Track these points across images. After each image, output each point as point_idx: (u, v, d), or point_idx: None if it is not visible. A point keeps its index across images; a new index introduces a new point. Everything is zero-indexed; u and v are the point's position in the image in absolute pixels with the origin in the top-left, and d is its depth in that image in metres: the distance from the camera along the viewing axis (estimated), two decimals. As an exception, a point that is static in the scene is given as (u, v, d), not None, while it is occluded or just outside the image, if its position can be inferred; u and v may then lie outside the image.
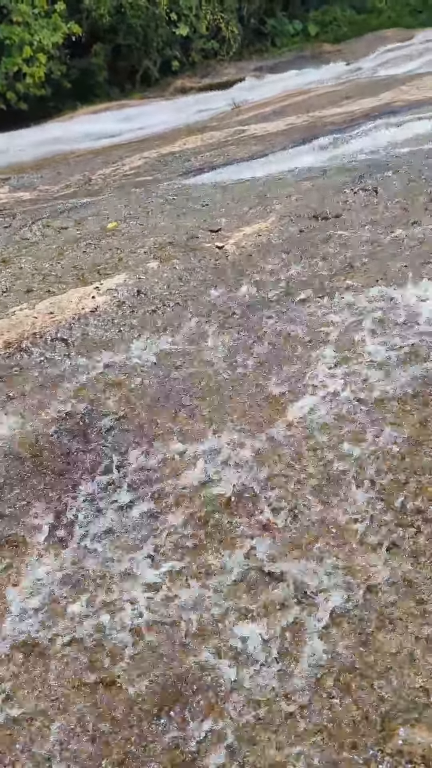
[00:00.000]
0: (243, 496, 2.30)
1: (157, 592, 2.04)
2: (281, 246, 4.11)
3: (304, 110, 9.92)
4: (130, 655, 1.88)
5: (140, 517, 2.31)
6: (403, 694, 1.66)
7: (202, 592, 2.03)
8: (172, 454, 2.52)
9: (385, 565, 1.97)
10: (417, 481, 2.21)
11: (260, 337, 3.14)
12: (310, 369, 2.83)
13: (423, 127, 6.57)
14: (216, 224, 4.64)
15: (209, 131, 10.06)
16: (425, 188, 4.51)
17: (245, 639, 1.88)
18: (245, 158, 7.31)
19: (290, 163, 6.43)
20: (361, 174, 5.10)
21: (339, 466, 2.33)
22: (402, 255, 3.66)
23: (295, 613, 1.92)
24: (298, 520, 2.18)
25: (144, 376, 2.98)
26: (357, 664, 1.75)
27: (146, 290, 3.75)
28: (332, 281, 3.54)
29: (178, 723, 1.71)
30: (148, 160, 8.54)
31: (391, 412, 2.50)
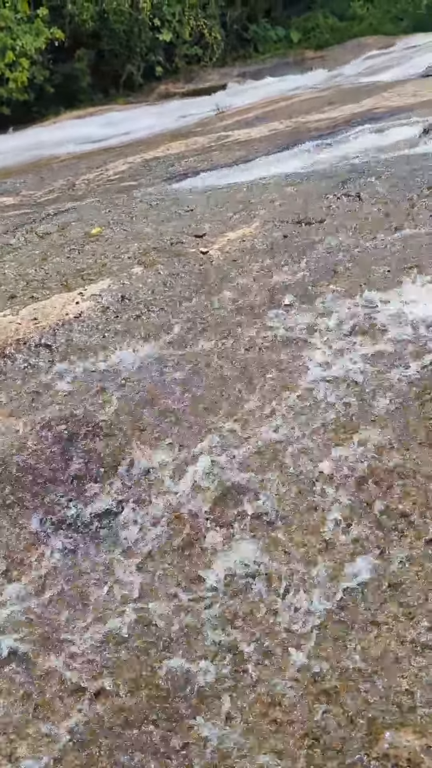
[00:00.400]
0: (228, 500, 2.30)
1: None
2: (265, 251, 4.12)
3: (287, 116, 9.97)
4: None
5: (125, 525, 2.31)
6: (389, 697, 1.66)
7: (184, 599, 2.02)
8: (158, 460, 2.51)
9: (370, 568, 1.97)
10: (402, 484, 2.22)
11: (245, 342, 3.15)
12: (296, 373, 2.84)
13: (405, 134, 6.63)
14: (200, 229, 4.65)
15: (193, 136, 10.07)
16: (407, 194, 4.55)
17: (230, 642, 1.88)
18: (229, 163, 7.33)
19: (274, 169, 6.45)
20: (344, 179, 5.14)
21: (325, 469, 2.34)
22: (385, 260, 3.69)
23: (281, 617, 1.92)
24: (283, 522, 2.19)
25: (129, 382, 2.98)
26: (342, 669, 1.76)
27: (130, 296, 3.75)
28: (316, 286, 3.55)
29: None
30: (132, 165, 8.54)
31: (376, 415, 2.51)
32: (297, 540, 2.12)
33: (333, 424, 2.50)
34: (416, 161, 5.34)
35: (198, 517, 2.27)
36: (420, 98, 8.93)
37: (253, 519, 2.22)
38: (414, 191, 4.57)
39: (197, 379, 2.94)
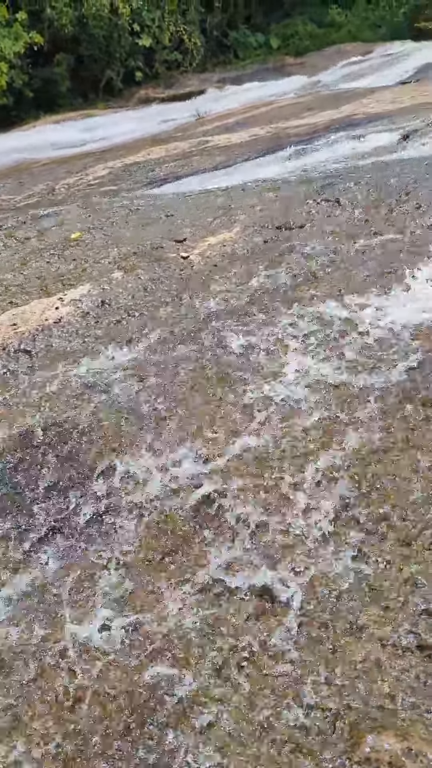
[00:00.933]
0: (210, 505, 2.30)
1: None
2: (246, 256, 4.13)
3: (267, 121, 10.02)
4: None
5: (107, 530, 2.29)
6: (370, 701, 1.67)
7: (169, 603, 2.01)
8: (139, 465, 2.50)
9: (351, 572, 1.98)
10: (382, 488, 2.23)
11: (226, 346, 3.15)
12: (275, 379, 2.84)
13: (383, 140, 6.70)
14: (181, 234, 4.65)
15: (173, 141, 10.09)
16: (386, 199, 4.59)
17: (215, 650, 1.87)
18: (209, 169, 7.35)
19: (254, 174, 6.48)
20: (323, 185, 5.18)
21: (306, 474, 2.34)
22: (364, 265, 3.71)
23: (264, 621, 1.91)
24: (266, 527, 2.18)
25: (109, 387, 2.96)
26: (324, 673, 1.76)
27: (111, 301, 3.74)
28: (296, 291, 3.57)
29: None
30: (113, 170, 8.52)
31: (356, 420, 2.52)
32: (279, 543, 2.12)
33: (313, 429, 2.51)
34: (395, 167, 5.39)
35: (178, 522, 2.26)
36: (398, 105, 9.02)
37: (234, 524, 2.22)
38: (393, 197, 4.61)
39: (178, 384, 2.93)
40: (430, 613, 1.82)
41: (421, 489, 2.20)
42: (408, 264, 3.57)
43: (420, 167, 5.21)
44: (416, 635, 1.78)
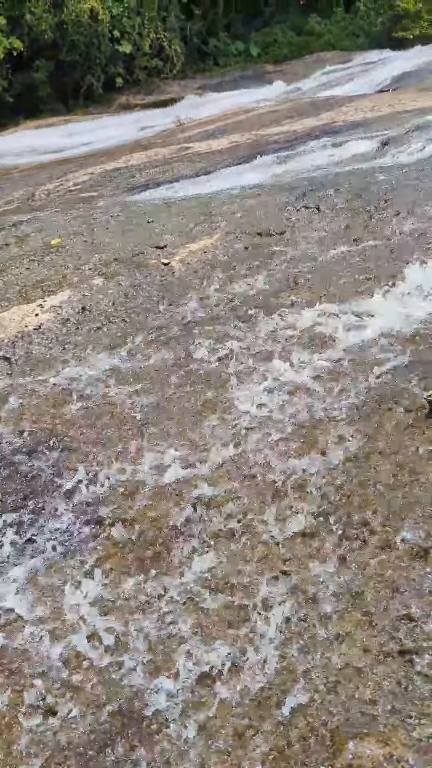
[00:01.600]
0: (191, 512, 2.29)
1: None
2: (227, 263, 4.14)
3: (247, 128, 10.07)
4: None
5: (86, 538, 2.27)
6: (352, 707, 1.67)
7: (151, 611, 2.00)
8: (118, 474, 2.49)
9: (333, 578, 1.98)
10: (363, 494, 2.24)
11: (206, 353, 3.15)
12: (257, 385, 2.85)
13: (362, 147, 6.76)
14: (161, 241, 4.65)
15: (154, 148, 10.09)
16: (365, 206, 4.63)
17: (192, 660, 1.87)
18: (190, 175, 7.36)
19: (235, 181, 6.50)
20: (303, 192, 5.21)
21: (286, 481, 2.34)
22: (345, 271, 3.74)
23: (247, 628, 1.91)
24: (248, 534, 2.18)
25: (89, 394, 2.95)
26: (306, 679, 1.76)
27: (91, 307, 3.72)
28: (277, 297, 3.58)
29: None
30: (93, 176, 8.50)
31: (336, 426, 2.54)
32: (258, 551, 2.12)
33: (294, 435, 2.51)
34: (374, 174, 5.44)
35: (161, 527, 2.25)
36: (377, 113, 9.11)
37: (215, 530, 2.22)
38: (372, 204, 4.65)
39: (159, 390, 2.92)
40: (410, 618, 1.83)
41: (401, 495, 2.21)
42: (388, 271, 3.60)
43: (399, 174, 5.26)
44: (397, 640, 1.78)
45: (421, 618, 1.82)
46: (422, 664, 1.71)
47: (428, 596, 1.87)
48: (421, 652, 1.74)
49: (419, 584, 1.91)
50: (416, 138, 6.47)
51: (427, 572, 1.94)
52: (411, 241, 3.93)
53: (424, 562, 1.97)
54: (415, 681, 1.69)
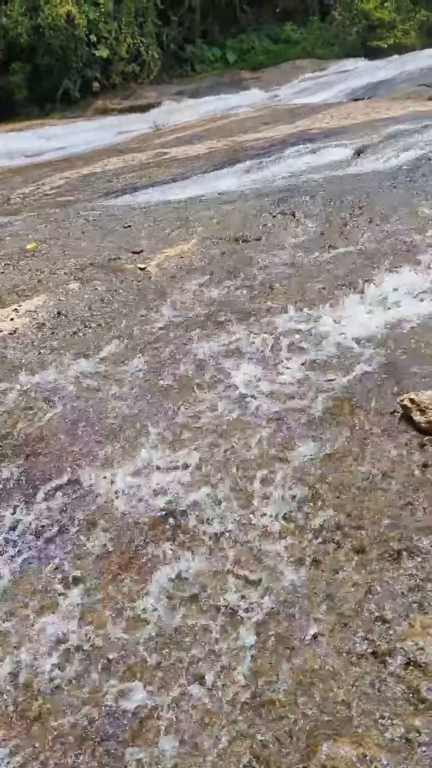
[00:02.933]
0: (167, 518, 2.29)
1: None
2: (203, 268, 4.16)
3: (224, 134, 10.12)
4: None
5: (61, 544, 2.26)
6: (326, 708, 1.68)
7: (126, 617, 2.00)
8: (92, 478, 2.48)
9: (307, 581, 2.00)
10: (336, 497, 2.26)
11: (182, 358, 3.16)
12: (231, 390, 2.86)
13: (337, 154, 6.84)
14: (138, 246, 4.65)
15: (131, 153, 10.10)
16: (340, 213, 4.68)
17: (171, 661, 1.87)
18: (167, 180, 7.38)
19: (211, 186, 6.54)
20: (279, 198, 5.25)
21: (261, 484, 2.36)
22: (320, 277, 3.78)
23: (222, 633, 1.92)
24: (224, 536, 2.19)
25: (65, 399, 2.93)
26: (282, 682, 1.77)
27: (67, 312, 3.71)
28: (253, 302, 3.60)
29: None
30: (69, 180, 8.47)
31: (310, 429, 2.56)
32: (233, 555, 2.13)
33: (267, 439, 2.53)
34: (349, 181, 5.51)
35: (137, 531, 2.25)
36: (352, 120, 9.22)
37: (192, 533, 2.22)
38: (346, 210, 4.71)
39: (135, 394, 2.92)
40: (384, 619, 1.85)
41: (374, 497, 2.24)
42: (362, 276, 3.65)
43: (373, 182, 5.33)
44: (370, 642, 1.80)
45: (394, 620, 1.84)
46: (395, 665, 1.74)
47: (401, 598, 1.89)
48: (393, 654, 1.76)
49: (392, 586, 1.94)
50: (390, 146, 6.56)
51: (400, 574, 1.97)
52: (384, 248, 3.98)
53: (397, 565, 1.99)
54: (387, 682, 1.71)
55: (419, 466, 2.31)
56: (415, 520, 2.12)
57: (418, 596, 1.88)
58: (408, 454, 2.37)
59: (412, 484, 2.25)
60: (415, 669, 1.70)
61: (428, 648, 1.73)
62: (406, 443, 2.42)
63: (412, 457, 2.35)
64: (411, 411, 2.48)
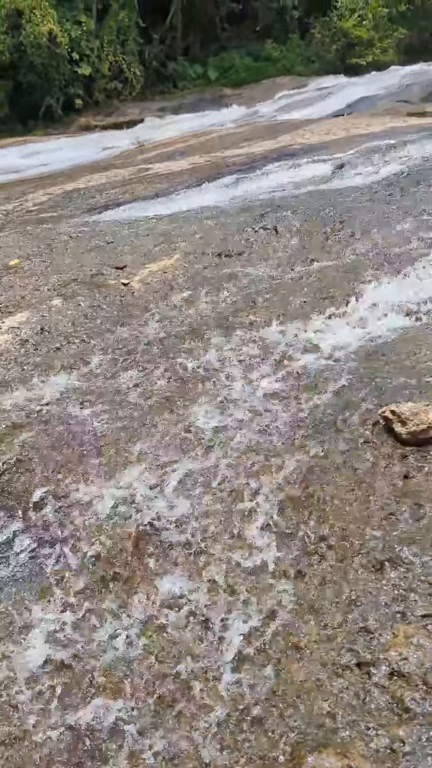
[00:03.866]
0: (152, 534, 2.29)
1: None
2: (186, 283, 4.18)
3: (206, 150, 10.21)
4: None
5: (46, 560, 2.25)
6: (311, 720, 1.69)
7: (111, 633, 2.00)
8: (77, 495, 2.48)
9: (292, 593, 2.01)
10: (320, 509, 2.28)
11: (166, 373, 3.17)
12: (215, 403, 2.87)
13: (318, 170, 6.92)
14: (121, 261, 4.68)
15: (114, 169, 10.15)
16: (321, 227, 4.74)
17: (157, 678, 1.86)
18: (150, 196, 7.42)
19: (194, 202, 6.58)
20: (261, 213, 5.30)
21: (245, 498, 2.37)
22: (302, 291, 3.81)
23: (207, 644, 1.92)
24: (208, 552, 2.19)
25: (48, 416, 2.93)
26: (267, 695, 1.77)
27: (50, 328, 3.71)
28: (236, 317, 3.63)
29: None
30: (52, 197, 8.49)
31: (294, 442, 2.58)
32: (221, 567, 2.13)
33: (252, 453, 2.55)
34: (330, 196, 5.58)
35: (119, 549, 2.25)
36: (332, 136, 9.34)
37: (177, 548, 2.22)
38: (328, 225, 4.77)
39: (119, 410, 2.93)
40: (368, 630, 1.86)
41: (358, 509, 2.25)
42: (343, 290, 3.69)
43: (353, 196, 5.40)
44: (354, 653, 1.81)
45: (377, 630, 1.85)
46: (379, 675, 1.74)
47: (384, 608, 1.91)
48: (378, 664, 1.77)
49: (376, 597, 1.95)
50: (370, 161, 6.66)
51: (383, 585, 1.98)
52: (365, 261, 4.03)
53: (380, 575, 2.01)
54: (372, 693, 1.72)
55: (401, 477, 2.33)
56: (398, 530, 2.14)
57: (401, 606, 1.89)
58: (390, 465, 2.39)
59: (394, 494, 2.27)
60: (399, 679, 1.71)
61: (411, 658, 1.74)
62: (388, 454, 2.44)
63: (393, 468, 2.38)
64: (392, 422, 2.50)
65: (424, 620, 1.84)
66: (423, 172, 5.67)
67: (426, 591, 1.92)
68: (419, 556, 2.02)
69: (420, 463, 2.36)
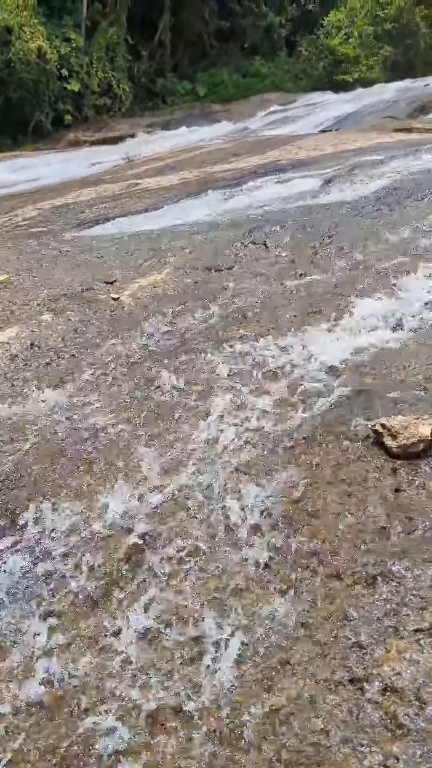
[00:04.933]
0: (143, 548, 2.28)
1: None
2: (176, 297, 4.19)
3: (195, 166, 10.28)
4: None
5: (36, 579, 2.24)
6: (305, 738, 1.67)
7: (101, 660, 1.98)
8: (69, 510, 2.46)
9: (283, 609, 2.00)
10: (311, 523, 2.28)
11: (156, 387, 3.17)
12: (206, 418, 2.87)
13: (307, 185, 6.99)
14: (111, 276, 4.68)
15: (104, 184, 10.19)
16: (310, 242, 4.78)
17: (148, 697, 1.84)
18: (139, 211, 7.45)
19: (183, 217, 6.62)
20: (250, 228, 5.34)
21: (237, 513, 2.36)
22: (291, 305, 3.84)
23: (198, 663, 1.90)
24: (198, 567, 2.18)
25: (39, 431, 2.92)
26: (260, 712, 1.76)
27: (40, 343, 3.71)
28: (226, 331, 3.64)
29: None
30: (42, 212, 8.51)
31: (284, 456, 2.58)
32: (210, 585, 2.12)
33: (243, 467, 2.54)
34: (318, 211, 5.63)
35: (108, 564, 2.23)
36: (320, 151, 9.44)
37: (166, 567, 2.21)
38: (316, 239, 4.80)
39: (109, 425, 2.92)
40: (360, 645, 1.86)
41: (349, 523, 2.25)
42: (332, 304, 3.72)
43: (342, 211, 5.46)
44: (347, 668, 1.80)
45: (370, 645, 1.85)
46: (372, 691, 1.74)
47: (377, 623, 1.90)
48: (371, 680, 1.76)
49: (368, 612, 1.95)
50: (357, 176, 6.73)
51: (375, 599, 1.98)
52: (354, 275, 4.06)
53: (372, 590, 2.01)
54: (365, 709, 1.71)
55: (392, 491, 2.33)
56: (390, 544, 2.14)
57: (393, 621, 1.89)
58: (381, 479, 2.39)
59: (385, 508, 2.27)
60: (392, 694, 1.71)
61: (404, 673, 1.73)
62: (379, 468, 2.44)
63: (384, 481, 2.38)
64: (383, 436, 2.51)
65: (416, 635, 1.83)
66: (410, 187, 5.74)
67: (418, 605, 1.91)
68: (411, 570, 2.02)
69: (411, 476, 2.37)
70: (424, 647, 1.79)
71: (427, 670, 1.74)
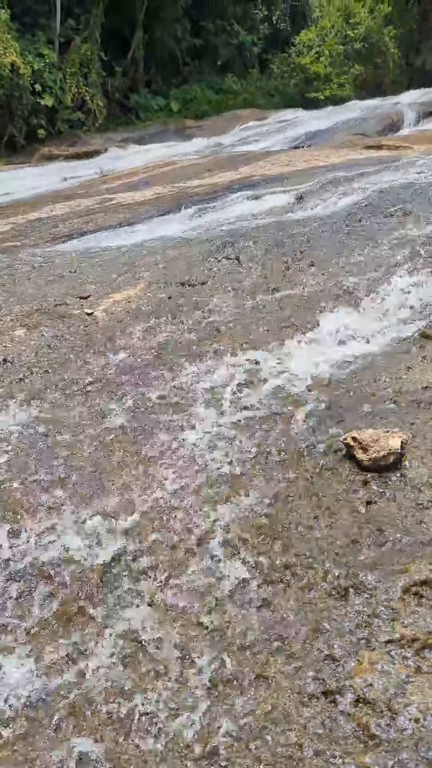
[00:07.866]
0: (117, 567, 2.28)
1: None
2: (150, 312, 4.21)
3: (169, 181, 10.35)
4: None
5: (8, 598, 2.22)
6: (278, 751, 1.68)
7: (77, 670, 1.97)
8: (41, 528, 2.45)
9: (257, 623, 2.01)
10: (285, 537, 2.30)
11: (131, 403, 3.17)
12: (181, 433, 2.89)
13: (279, 200, 7.07)
14: (85, 291, 4.68)
15: (77, 198, 10.19)
16: (282, 257, 4.84)
17: (121, 709, 1.84)
18: (113, 226, 7.47)
19: (157, 232, 6.65)
20: (223, 243, 5.38)
21: (210, 528, 2.37)
22: (264, 319, 3.88)
23: (174, 679, 1.90)
24: (172, 582, 2.19)
25: (11, 448, 2.90)
26: (234, 728, 1.76)
27: (13, 358, 3.69)
28: (200, 345, 3.67)
29: None
30: (15, 226, 8.48)
31: (258, 471, 2.60)
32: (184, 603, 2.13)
33: (218, 482, 2.56)
34: (290, 226, 5.70)
35: (84, 585, 2.23)
36: (293, 167, 9.57)
37: (140, 582, 2.21)
38: (289, 255, 4.86)
39: (83, 441, 2.91)
40: (333, 658, 1.88)
41: (321, 536, 2.28)
42: (304, 318, 3.77)
43: (313, 227, 5.53)
44: (320, 681, 1.82)
45: (342, 657, 1.87)
46: (345, 703, 1.75)
47: (349, 635, 1.92)
48: (344, 692, 1.78)
49: (340, 624, 1.97)
50: (329, 192, 6.83)
51: (347, 611, 2.00)
52: (325, 290, 4.12)
53: (344, 602, 2.03)
54: (338, 721, 1.73)
55: (363, 503, 2.37)
56: (361, 556, 2.17)
57: (365, 632, 1.91)
58: (352, 492, 2.43)
59: (357, 521, 2.30)
60: (364, 706, 1.73)
61: (376, 684, 1.76)
62: (351, 480, 2.48)
63: (356, 494, 2.41)
64: (354, 449, 2.55)
65: (387, 646, 1.86)
66: (380, 203, 5.84)
67: (389, 616, 1.94)
68: (382, 582, 2.05)
69: (381, 489, 2.41)
70: (395, 658, 1.82)
71: (398, 681, 1.76)
